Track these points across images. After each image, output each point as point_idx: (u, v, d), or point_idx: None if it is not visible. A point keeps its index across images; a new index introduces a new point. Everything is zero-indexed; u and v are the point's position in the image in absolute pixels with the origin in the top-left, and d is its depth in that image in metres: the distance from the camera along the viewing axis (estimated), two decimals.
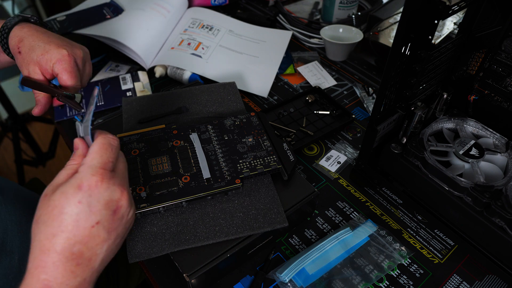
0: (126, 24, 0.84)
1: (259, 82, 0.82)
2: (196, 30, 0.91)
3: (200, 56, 0.84)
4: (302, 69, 0.86)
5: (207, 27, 0.92)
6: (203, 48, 0.87)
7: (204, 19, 0.94)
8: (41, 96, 0.53)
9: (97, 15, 0.85)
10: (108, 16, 0.85)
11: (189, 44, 0.87)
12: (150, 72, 0.84)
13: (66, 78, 0.51)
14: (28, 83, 0.52)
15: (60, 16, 0.86)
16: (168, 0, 0.92)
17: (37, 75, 0.52)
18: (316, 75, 0.85)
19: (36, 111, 0.53)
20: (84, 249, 0.34)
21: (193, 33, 0.90)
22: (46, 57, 0.50)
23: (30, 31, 0.53)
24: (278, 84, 0.84)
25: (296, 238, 0.57)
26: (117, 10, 0.86)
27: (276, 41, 0.92)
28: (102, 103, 0.75)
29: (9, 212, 0.55)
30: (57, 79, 0.52)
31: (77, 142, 0.40)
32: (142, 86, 0.76)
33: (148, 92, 0.77)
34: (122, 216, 0.38)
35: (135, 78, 0.78)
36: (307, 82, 0.84)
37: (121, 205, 0.37)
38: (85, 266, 0.34)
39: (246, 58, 0.87)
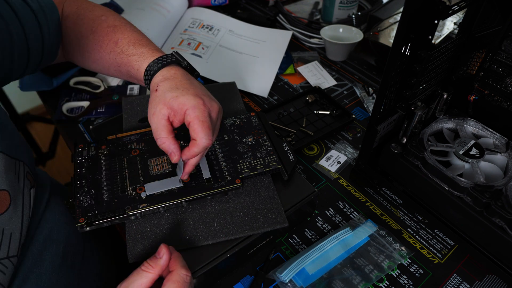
0: None
1: (259, 82, 0.82)
2: (196, 30, 0.91)
3: (200, 56, 0.85)
4: (302, 69, 0.86)
5: (207, 27, 0.92)
6: (203, 48, 0.87)
7: (204, 19, 0.94)
8: (169, 141, 0.47)
9: None
10: None
11: (189, 44, 0.87)
12: None
13: (197, 128, 0.46)
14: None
15: None
16: (168, 0, 0.92)
17: (162, 117, 0.47)
18: (316, 75, 0.85)
19: (176, 159, 0.48)
20: None
21: (193, 33, 0.90)
22: (180, 100, 0.46)
23: (176, 74, 0.50)
24: (278, 84, 0.84)
25: (296, 238, 0.57)
26: (116, 10, 0.86)
27: (276, 41, 0.92)
28: (103, 110, 0.75)
29: (57, 203, 0.56)
30: (189, 128, 0.47)
31: (163, 250, 0.42)
32: None
33: None
34: None
35: (143, 90, 0.78)
36: (307, 82, 0.84)
37: None
38: None
39: (246, 58, 0.87)
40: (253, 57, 0.88)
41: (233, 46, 0.89)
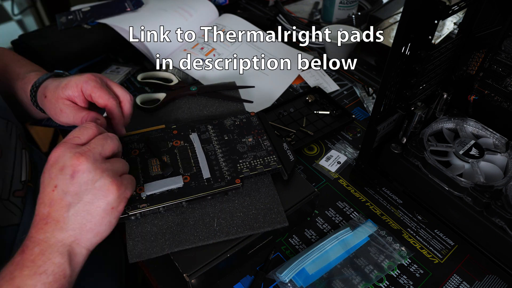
0: (143, 19, 0.85)
1: (260, 99, 0.79)
2: (214, 36, 0.89)
3: (208, 63, 0.82)
4: (304, 74, 0.86)
5: (228, 34, 0.89)
6: (214, 55, 0.84)
7: (227, 25, 0.91)
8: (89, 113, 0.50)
9: (118, 7, 0.88)
10: (128, 9, 0.87)
11: (202, 48, 0.85)
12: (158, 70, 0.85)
13: (99, 94, 0.49)
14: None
15: (85, 7, 0.90)
16: (193, 6, 0.92)
17: (67, 107, 0.50)
18: (318, 80, 0.85)
19: (102, 120, 0.50)
20: (51, 211, 0.40)
21: (210, 38, 0.88)
22: (71, 84, 0.49)
23: (56, 80, 0.53)
24: None
25: (296, 238, 0.57)
26: (137, 4, 0.89)
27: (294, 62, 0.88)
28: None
29: None
30: (93, 99, 0.50)
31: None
32: None
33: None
34: (83, 182, 0.40)
35: None
36: (307, 83, 0.84)
37: (78, 169, 0.40)
38: (53, 225, 0.40)
39: (254, 73, 0.84)
40: (263, 73, 0.84)
41: (246, 57, 0.86)
